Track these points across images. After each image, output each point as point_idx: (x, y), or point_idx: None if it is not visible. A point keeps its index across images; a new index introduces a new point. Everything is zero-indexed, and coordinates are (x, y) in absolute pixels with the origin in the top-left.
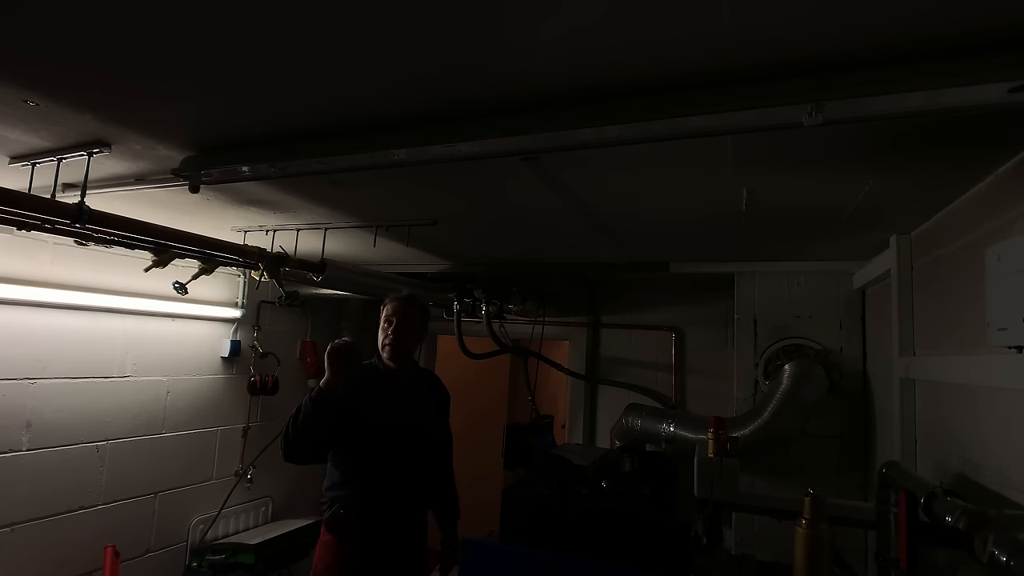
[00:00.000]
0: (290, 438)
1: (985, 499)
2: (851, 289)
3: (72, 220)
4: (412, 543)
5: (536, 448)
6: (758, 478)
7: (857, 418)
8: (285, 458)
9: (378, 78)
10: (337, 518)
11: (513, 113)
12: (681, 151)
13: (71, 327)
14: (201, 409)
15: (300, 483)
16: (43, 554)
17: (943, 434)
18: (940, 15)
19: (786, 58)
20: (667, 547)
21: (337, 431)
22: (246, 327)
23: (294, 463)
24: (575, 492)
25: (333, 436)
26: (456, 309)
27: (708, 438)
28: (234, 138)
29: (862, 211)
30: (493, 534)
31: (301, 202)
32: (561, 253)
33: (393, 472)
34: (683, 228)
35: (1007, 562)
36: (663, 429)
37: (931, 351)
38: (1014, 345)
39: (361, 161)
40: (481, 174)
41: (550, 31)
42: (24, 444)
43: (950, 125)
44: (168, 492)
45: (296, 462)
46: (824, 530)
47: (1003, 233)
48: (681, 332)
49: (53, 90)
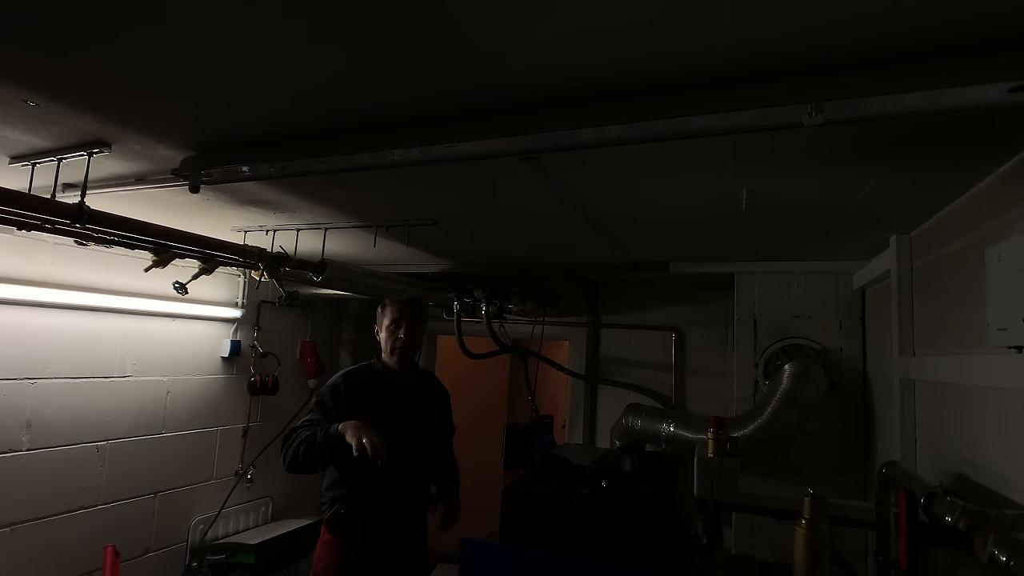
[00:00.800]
0: (292, 460)
1: (985, 499)
2: (851, 289)
3: (72, 220)
4: (412, 543)
5: (536, 448)
6: (758, 478)
7: (857, 418)
8: (288, 470)
9: (378, 79)
10: (338, 518)
11: (513, 113)
12: (681, 151)
13: (71, 327)
14: (201, 409)
15: (300, 483)
16: (43, 554)
17: (943, 434)
18: (940, 15)
19: (786, 58)
20: (667, 547)
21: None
22: (246, 327)
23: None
24: (575, 492)
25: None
26: (456, 309)
27: (708, 438)
28: (234, 138)
29: (862, 211)
30: (493, 534)
31: (301, 202)
32: (561, 253)
33: (393, 472)
34: (683, 228)
35: (1007, 562)
36: (663, 429)
37: (931, 351)
38: (1014, 345)
39: (361, 161)
40: (481, 174)
41: (549, 31)
42: (24, 444)
43: (950, 125)
44: (168, 492)
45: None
46: (824, 530)
47: (1003, 233)
48: (681, 332)
49: (53, 90)
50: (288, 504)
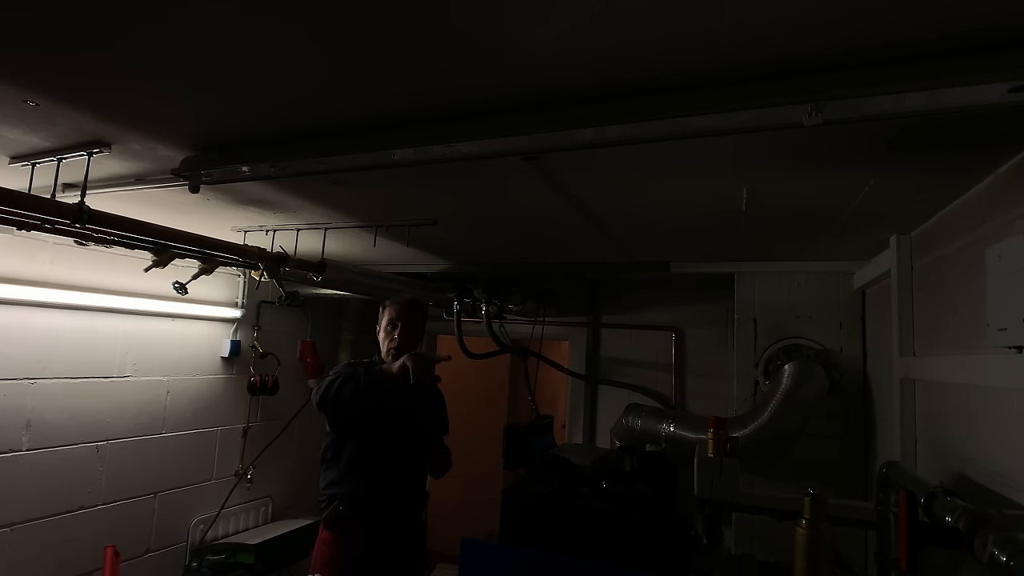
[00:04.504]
0: (330, 399)
1: (985, 499)
2: (851, 289)
3: (72, 220)
4: (411, 540)
5: (536, 448)
6: (758, 478)
7: (857, 418)
8: (318, 407)
9: (378, 79)
10: (335, 515)
11: (513, 113)
12: (681, 151)
13: (71, 327)
14: (201, 409)
15: (300, 483)
16: (43, 554)
17: (943, 434)
18: (940, 15)
19: (786, 58)
20: (667, 547)
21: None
22: (246, 327)
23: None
24: (575, 492)
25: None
26: (456, 309)
27: (708, 438)
28: (234, 138)
29: (862, 211)
30: (493, 534)
31: (301, 202)
32: (562, 254)
33: (390, 469)
34: (683, 228)
35: (1007, 562)
36: (663, 429)
37: (931, 351)
38: (1014, 345)
39: (361, 161)
40: (481, 174)
41: (549, 30)
42: (24, 444)
43: (950, 125)
44: (168, 492)
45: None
46: (824, 530)
47: (1003, 233)
48: (681, 332)
49: (53, 90)
50: (288, 504)
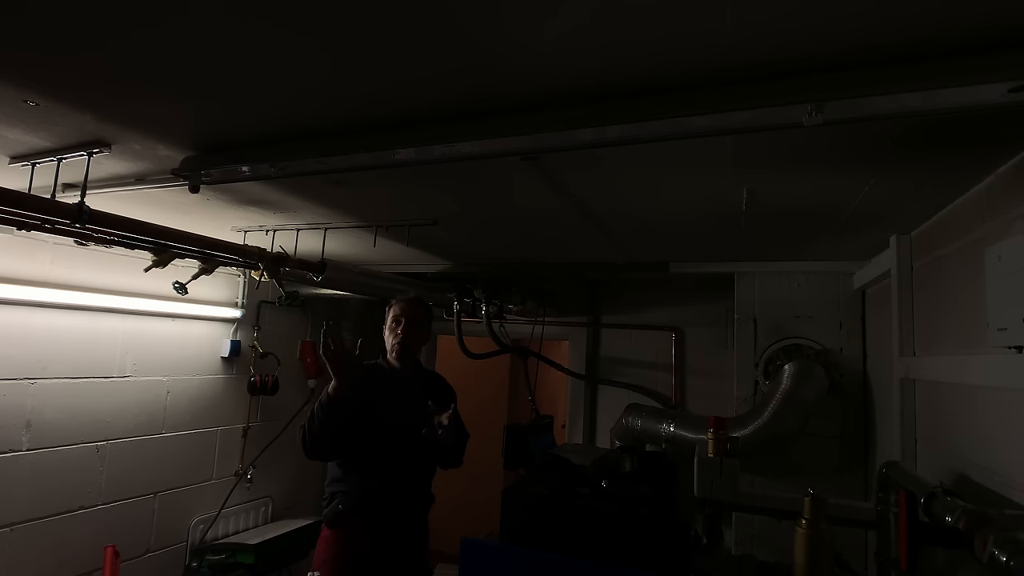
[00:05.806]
0: (308, 442)
1: (985, 499)
2: (851, 289)
3: (72, 220)
4: (413, 539)
5: (536, 448)
6: (758, 478)
7: (857, 418)
8: (308, 457)
9: (378, 79)
10: (336, 513)
11: (514, 113)
12: (681, 151)
13: (71, 327)
14: (201, 409)
15: (300, 483)
16: (43, 554)
17: (943, 434)
18: (940, 15)
19: (787, 58)
20: (667, 547)
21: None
22: (246, 327)
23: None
24: (575, 492)
25: (351, 435)
26: (456, 309)
27: (708, 438)
28: (234, 138)
29: (862, 211)
30: (493, 534)
31: (301, 202)
32: (562, 254)
33: (393, 468)
34: (683, 228)
35: (1007, 562)
36: (663, 429)
37: (931, 351)
38: (1014, 345)
39: (361, 161)
40: (482, 175)
41: (551, 30)
42: (24, 444)
43: (950, 125)
44: (168, 492)
45: (321, 460)
46: (824, 530)
47: (1003, 233)
48: (681, 332)
49: (53, 90)
50: (288, 504)
